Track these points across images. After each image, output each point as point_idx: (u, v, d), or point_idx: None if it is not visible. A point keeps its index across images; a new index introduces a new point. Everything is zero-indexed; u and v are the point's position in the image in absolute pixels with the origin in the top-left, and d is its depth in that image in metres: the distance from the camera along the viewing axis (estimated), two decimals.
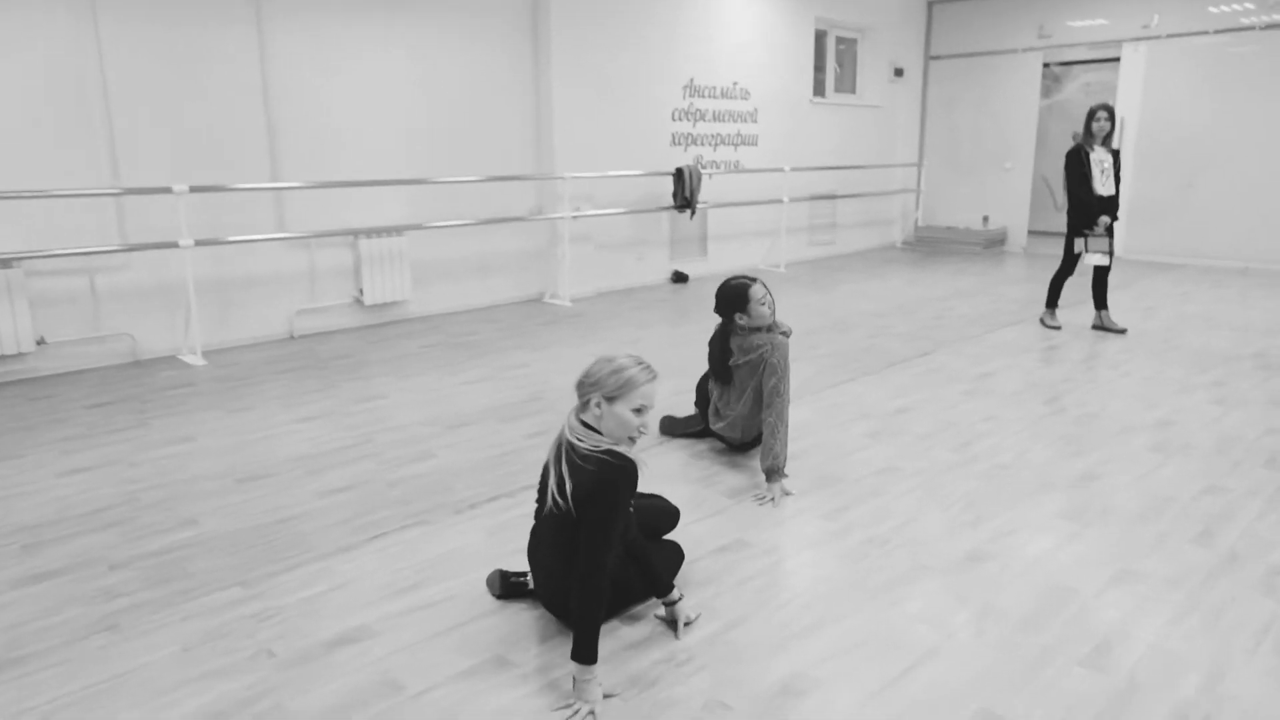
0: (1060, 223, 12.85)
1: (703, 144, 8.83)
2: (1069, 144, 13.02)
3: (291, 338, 6.14)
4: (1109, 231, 6.13)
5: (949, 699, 2.14)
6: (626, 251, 8.33)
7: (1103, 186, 6.08)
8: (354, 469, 3.68)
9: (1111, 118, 6.02)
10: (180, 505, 3.32)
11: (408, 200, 6.67)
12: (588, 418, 2.35)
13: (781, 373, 3.48)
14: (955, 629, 2.45)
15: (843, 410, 4.48)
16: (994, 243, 11.17)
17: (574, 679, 2.10)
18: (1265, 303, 7.51)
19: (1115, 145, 6.16)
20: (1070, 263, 6.33)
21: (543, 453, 3.85)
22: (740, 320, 3.63)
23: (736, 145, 9.21)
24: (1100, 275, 6.34)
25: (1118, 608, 2.57)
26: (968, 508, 3.29)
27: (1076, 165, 6.08)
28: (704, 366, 3.94)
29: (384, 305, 6.63)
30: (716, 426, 3.84)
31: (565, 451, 2.31)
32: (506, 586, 2.63)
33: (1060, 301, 6.60)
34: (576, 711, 2.05)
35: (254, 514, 3.24)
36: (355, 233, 6.25)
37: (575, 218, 7.46)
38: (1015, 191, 11.15)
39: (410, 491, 3.45)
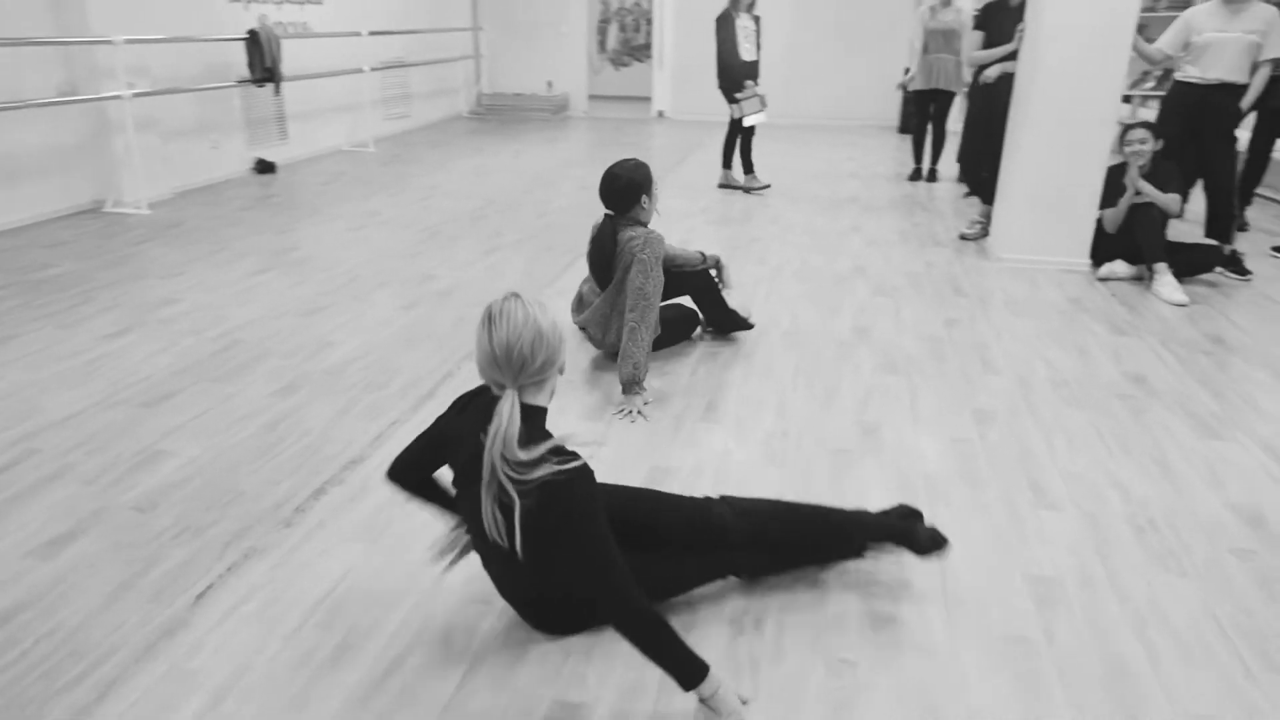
0: (615, 86, 13.53)
1: (265, 0, 7.24)
2: (599, 9, 13.60)
3: None
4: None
5: (990, 577, 2.18)
6: (198, 139, 6.63)
7: (747, 53, 6.38)
8: (53, 499, 2.42)
9: None
10: None
11: None
12: (541, 398, 1.77)
13: (649, 270, 3.08)
14: (928, 509, 2.49)
15: None
16: (560, 108, 11.30)
17: (702, 701, 1.66)
18: (815, 153, 8.80)
19: (756, 12, 6.47)
20: (735, 125, 6.61)
21: (319, 408, 3.01)
22: (644, 205, 3.19)
23: (303, 3, 7.74)
24: (747, 138, 6.77)
25: (1008, 447, 2.86)
26: (809, 381, 3.34)
27: (727, 30, 6.27)
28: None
29: None
30: (578, 319, 3.39)
31: (495, 476, 1.66)
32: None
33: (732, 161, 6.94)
34: None
35: None
36: None
37: (134, 96, 5.64)
38: (572, 56, 11.31)
39: (184, 514, 2.38)
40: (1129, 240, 4.67)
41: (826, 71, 10.82)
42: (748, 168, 6.85)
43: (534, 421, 1.72)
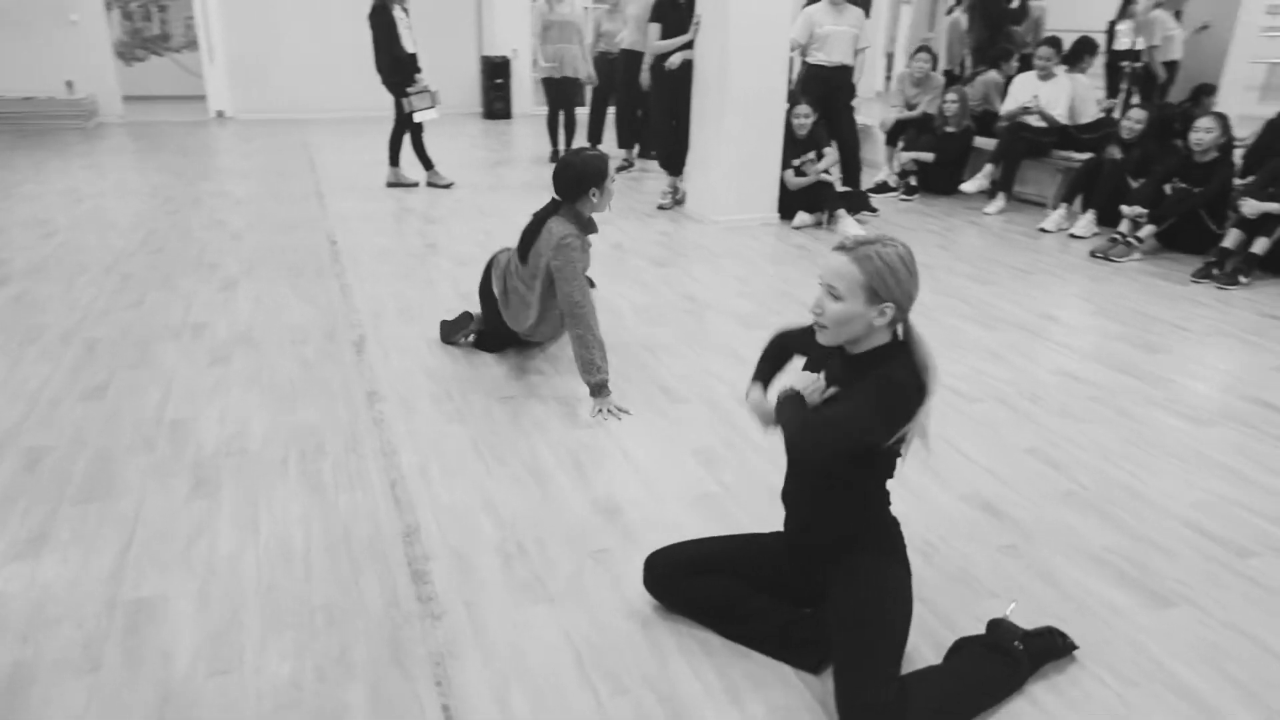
0: (144, 84, 11.32)
1: None
2: None
3: None
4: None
5: (1002, 450, 2.77)
6: None
7: (409, 44, 6.08)
8: (72, 703, 1.68)
9: None
10: None
11: None
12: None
13: (572, 279, 3.02)
14: None
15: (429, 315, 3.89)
16: (90, 113, 9.34)
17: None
18: (439, 144, 8.66)
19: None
20: (404, 121, 6.26)
21: (275, 497, 2.75)
22: (594, 198, 3.09)
23: None
24: (418, 134, 6.45)
25: None
26: (710, 349, 3.60)
27: (388, 23, 5.90)
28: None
29: None
30: (522, 330, 3.28)
31: None
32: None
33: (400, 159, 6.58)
34: None
35: None
36: None
37: None
38: (92, 50, 9.38)
39: (292, 654, 1.84)
40: (805, 194, 5.71)
41: None
42: (427, 164, 6.61)
43: None
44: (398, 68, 6.14)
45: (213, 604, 2.00)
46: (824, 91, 5.90)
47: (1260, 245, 4.67)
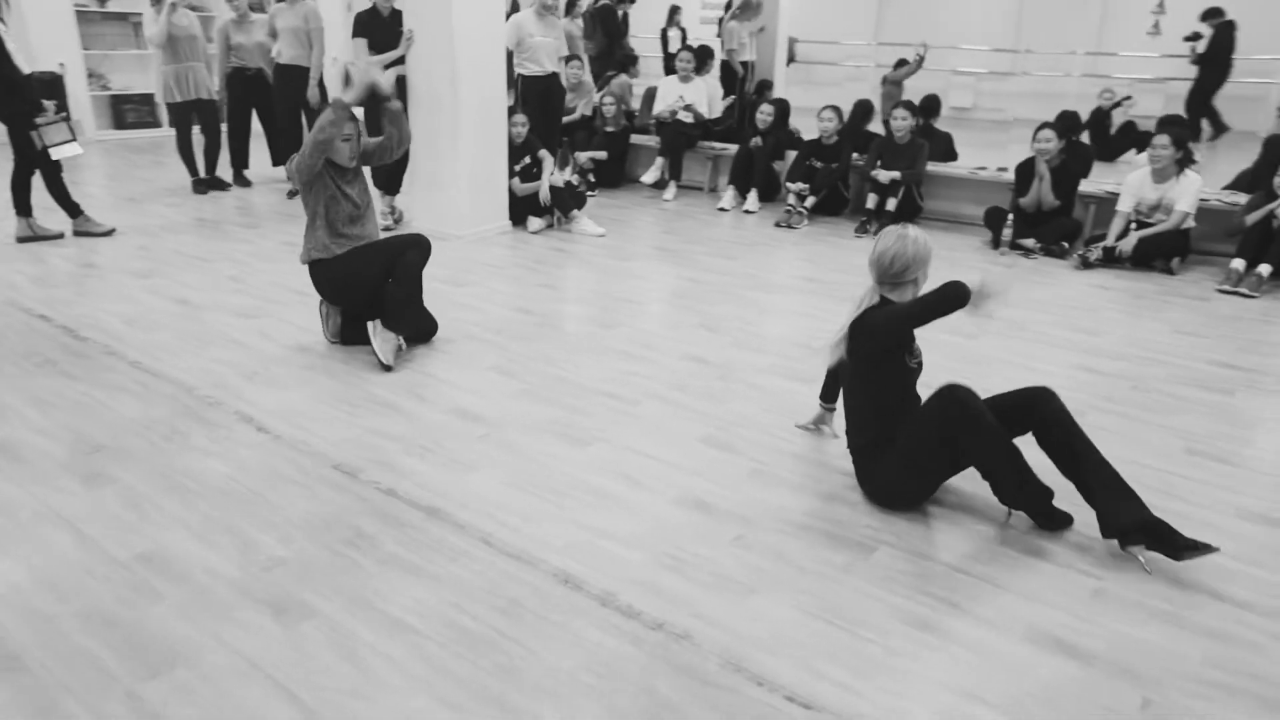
0: None
1: None
2: None
3: None
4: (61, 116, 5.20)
5: None
6: None
7: (25, 64, 4.88)
8: None
9: None
10: None
11: None
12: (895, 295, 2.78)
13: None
14: (808, 383, 3.57)
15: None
16: None
17: None
18: None
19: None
20: (34, 159, 5.01)
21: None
22: None
23: None
24: (55, 174, 5.18)
25: (746, 335, 4.03)
26: (575, 367, 3.78)
27: None
28: None
29: None
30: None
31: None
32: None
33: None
34: None
35: None
36: None
37: None
38: None
39: None
40: (533, 199, 5.97)
41: None
42: (73, 210, 5.39)
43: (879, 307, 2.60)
44: (15, 92, 4.94)
45: (464, 705, 1.81)
46: (539, 98, 6.18)
47: (891, 204, 6.16)
